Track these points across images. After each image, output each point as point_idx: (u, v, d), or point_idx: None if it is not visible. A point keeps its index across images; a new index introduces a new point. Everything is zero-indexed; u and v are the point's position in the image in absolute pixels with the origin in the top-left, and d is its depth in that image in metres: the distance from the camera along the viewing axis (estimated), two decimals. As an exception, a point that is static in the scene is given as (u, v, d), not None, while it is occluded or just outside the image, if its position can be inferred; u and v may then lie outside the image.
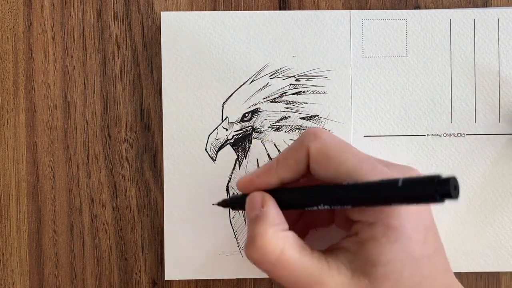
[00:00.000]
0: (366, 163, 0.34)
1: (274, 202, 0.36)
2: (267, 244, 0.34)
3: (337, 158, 0.34)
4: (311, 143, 0.35)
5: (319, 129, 0.36)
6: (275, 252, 0.33)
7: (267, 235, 0.34)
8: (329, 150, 0.35)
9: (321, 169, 0.35)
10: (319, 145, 0.35)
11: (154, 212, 0.45)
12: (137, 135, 0.45)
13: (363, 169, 0.34)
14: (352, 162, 0.34)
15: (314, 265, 0.34)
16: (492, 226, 0.45)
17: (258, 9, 0.46)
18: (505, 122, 0.45)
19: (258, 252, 0.34)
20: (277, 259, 0.33)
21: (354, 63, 0.45)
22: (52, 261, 0.45)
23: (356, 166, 0.34)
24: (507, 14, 0.45)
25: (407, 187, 0.31)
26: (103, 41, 0.45)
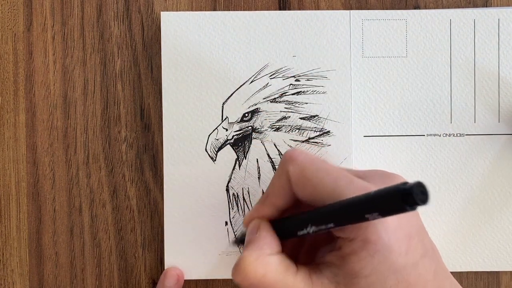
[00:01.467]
0: (342, 180, 0.34)
1: (268, 227, 0.37)
2: (249, 267, 0.34)
3: (314, 179, 0.35)
4: (290, 166, 0.36)
5: (296, 151, 0.37)
6: (257, 276, 0.34)
7: (250, 258, 0.35)
8: (305, 172, 0.35)
9: (301, 191, 0.36)
10: (296, 168, 0.36)
11: (154, 212, 0.45)
12: (137, 135, 0.45)
13: (340, 187, 0.34)
14: (328, 181, 0.34)
15: (297, 284, 0.34)
16: (491, 226, 0.45)
17: (258, 9, 0.46)
18: (504, 123, 0.45)
19: (241, 275, 0.35)
20: (259, 282, 0.34)
21: (354, 63, 0.45)
22: (52, 261, 0.45)
23: (332, 185, 0.34)
24: (507, 14, 0.45)
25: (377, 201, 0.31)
26: (103, 41, 0.45)
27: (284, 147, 0.44)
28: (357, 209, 0.32)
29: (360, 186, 0.34)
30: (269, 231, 0.37)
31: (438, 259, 0.36)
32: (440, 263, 0.36)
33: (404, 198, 0.29)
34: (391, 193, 0.30)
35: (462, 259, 0.45)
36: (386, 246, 0.33)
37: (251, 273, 0.34)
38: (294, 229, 0.36)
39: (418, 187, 0.29)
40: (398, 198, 0.29)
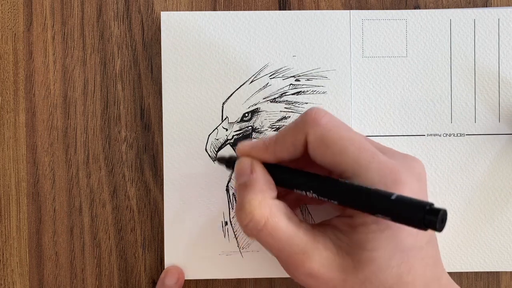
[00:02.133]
0: (365, 153, 0.34)
1: (263, 168, 0.37)
2: (255, 210, 0.34)
3: (336, 147, 0.34)
4: (310, 129, 0.35)
5: (319, 111, 0.36)
6: (262, 219, 0.34)
7: (255, 201, 0.35)
8: (327, 138, 0.34)
9: (319, 156, 0.35)
10: (318, 132, 0.35)
11: (154, 212, 0.45)
12: (137, 135, 0.45)
13: (362, 160, 0.33)
14: (351, 151, 0.34)
15: (300, 235, 0.34)
16: (491, 226, 0.45)
17: (258, 9, 0.46)
18: (505, 122, 0.45)
19: (247, 218, 0.34)
20: (264, 226, 0.34)
21: (354, 63, 0.45)
22: (52, 261, 0.45)
23: (355, 157, 0.34)
24: (507, 14, 0.45)
25: (397, 205, 0.31)
26: (103, 41, 0.45)
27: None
28: (372, 203, 0.32)
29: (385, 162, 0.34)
30: (265, 173, 0.36)
31: (438, 250, 0.36)
32: (439, 255, 0.36)
33: (426, 217, 0.29)
34: (415, 208, 0.30)
35: (462, 259, 0.45)
36: (398, 224, 0.33)
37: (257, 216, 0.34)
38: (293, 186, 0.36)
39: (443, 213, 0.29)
40: (421, 215, 0.29)
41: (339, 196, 0.33)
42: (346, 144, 0.34)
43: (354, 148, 0.34)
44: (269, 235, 0.34)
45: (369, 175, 0.33)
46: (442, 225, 0.29)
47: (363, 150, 0.34)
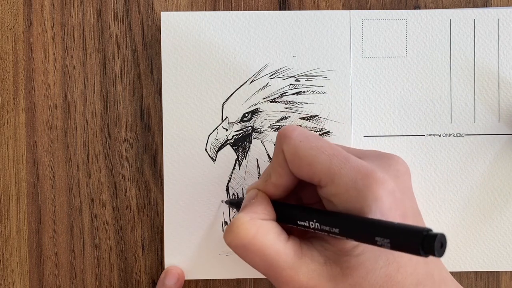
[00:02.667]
0: (336, 159, 0.34)
1: (265, 196, 0.37)
2: (240, 228, 0.34)
3: (308, 157, 0.35)
4: (284, 146, 0.36)
5: (289, 127, 0.36)
6: (248, 236, 0.34)
7: (242, 219, 0.35)
8: (299, 149, 0.35)
9: (296, 170, 0.36)
10: (290, 146, 0.35)
11: (154, 212, 0.45)
12: (137, 135, 0.45)
13: (334, 166, 0.34)
14: (323, 159, 0.34)
15: (286, 251, 0.34)
16: (491, 226, 0.45)
17: (258, 9, 0.46)
18: (504, 123, 0.45)
19: (231, 236, 0.35)
20: (249, 243, 0.34)
21: (354, 63, 0.45)
22: (52, 261, 0.45)
23: (327, 164, 0.34)
24: (507, 14, 0.45)
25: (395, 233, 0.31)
26: (103, 41, 0.45)
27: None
28: (372, 230, 0.32)
29: (356, 166, 0.34)
30: (265, 199, 0.37)
31: None
32: None
33: (423, 244, 0.29)
34: (412, 234, 0.30)
35: (462, 259, 0.45)
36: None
37: (242, 233, 0.34)
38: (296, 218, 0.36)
39: (441, 237, 0.29)
40: (418, 242, 0.29)
41: (340, 226, 0.33)
42: (317, 153, 0.34)
43: (325, 155, 0.34)
44: (254, 252, 0.34)
45: (342, 180, 0.33)
46: (442, 250, 0.29)
47: (334, 156, 0.34)
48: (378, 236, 0.31)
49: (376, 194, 0.33)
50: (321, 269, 0.34)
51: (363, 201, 0.33)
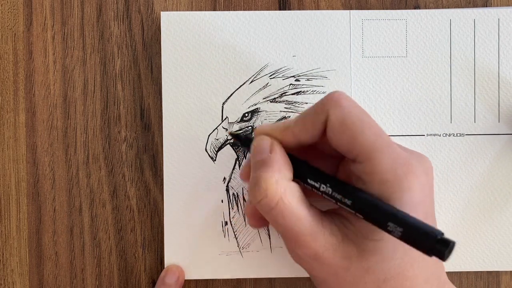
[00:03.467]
0: (381, 140, 0.34)
1: (282, 149, 0.37)
2: (270, 188, 0.34)
3: (355, 129, 0.34)
4: (331, 109, 0.35)
5: (342, 94, 0.36)
6: (276, 197, 0.34)
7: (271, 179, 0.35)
8: (348, 119, 0.34)
9: (336, 138, 0.35)
10: (339, 113, 0.35)
11: (154, 212, 0.45)
12: (137, 135, 0.45)
13: (378, 145, 0.34)
14: (369, 135, 0.34)
15: (309, 218, 0.35)
16: (491, 226, 0.45)
17: (258, 9, 0.46)
18: (504, 122, 0.45)
19: (261, 195, 0.34)
20: (276, 204, 0.34)
21: (354, 63, 0.45)
22: (52, 261, 0.45)
23: (372, 141, 0.34)
24: (507, 14, 0.45)
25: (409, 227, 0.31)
26: (103, 41, 0.45)
27: (284, 147, 0.45)
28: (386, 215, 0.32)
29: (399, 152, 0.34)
30: (284, 154, 0.37)
31: None
32: None
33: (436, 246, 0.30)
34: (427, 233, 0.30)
35: (462, 259, 0.45)
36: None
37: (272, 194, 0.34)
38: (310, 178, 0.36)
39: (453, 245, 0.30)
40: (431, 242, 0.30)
41: (353, 198, 0.34)
42: (365, 127, 0.34)
43: (372, 132, 0.34)
44: (280, 214, 0.34)
45: (383, 161, 0.33)
46: (449, 255, 0.30)
47: (380, 136, 0.34)
48: (392, 222, 0.31)
49: (410, 185, 0.33)
50: (337, 245, 0.34)
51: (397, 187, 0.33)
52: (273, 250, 0.44)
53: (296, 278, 0.45)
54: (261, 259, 0.44)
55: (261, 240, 0.45)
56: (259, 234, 0.45)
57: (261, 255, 0.44)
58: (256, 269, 0.44)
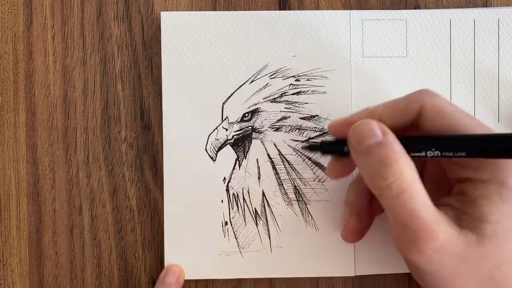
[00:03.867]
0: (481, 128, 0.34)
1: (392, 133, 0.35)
2: (404, 169, 0.33)
3: (454, 117, 0.34)
4: (428, 99, 0.35)
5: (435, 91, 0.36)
6: (408, 179, 0.33)
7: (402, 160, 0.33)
8: (446, 109, 0.35)
9: (435, 125, 0.35)
10: (436, 103, 0.35)
11: (154, 212, 0.45)
12: (137, 135, 0.45)
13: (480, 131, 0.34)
14: (469, 125, 0.34)
15: (430, 209, 0.33)
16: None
17: (258, 9, 0.46)
18: (504, 123, 0.45)
19: (394, 176, 0.33)
20: (408, 187, 0.33)
21: (354, 63, 0.45)
22: (52, 261, 0.45)
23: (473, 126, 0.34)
24: (507, 14, 0.45)
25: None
26: (103, 41, 0.45)
27: (284, 147, 0.45)
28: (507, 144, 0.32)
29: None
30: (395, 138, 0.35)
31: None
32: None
33: None
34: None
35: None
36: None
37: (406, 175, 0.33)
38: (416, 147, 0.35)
39: None
40: None
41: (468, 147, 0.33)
42: (465, 116, 0.34)
43: (472, 122, 0.34)
44: (408, 198, 0.33)
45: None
46: None
47: (480, 126, 0.34)
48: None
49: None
50: (458, 235, 0.33)
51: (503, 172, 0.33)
52: (273, 250, 0.44)
53: (296, 278, 0.45)
54: (261, 259, 0.44)
55: (261, 240, 0.45)
56: (259, 234, 0.45)
57: (261, 255, 0.44)
58: (256, 269, 0.44)
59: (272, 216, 0.44)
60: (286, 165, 0.45)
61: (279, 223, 0.45)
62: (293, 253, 0.44)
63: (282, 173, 0.45)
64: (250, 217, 0.45)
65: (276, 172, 0.45)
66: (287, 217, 0.45)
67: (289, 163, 0.45)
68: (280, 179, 0.45)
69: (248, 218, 0.45)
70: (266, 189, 0.45)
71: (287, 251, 0.44)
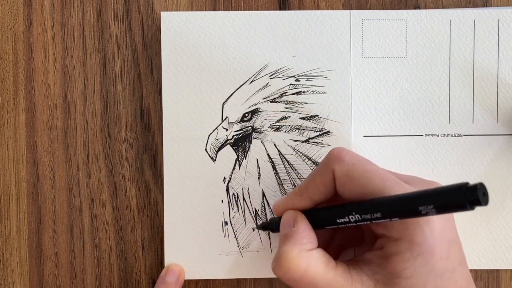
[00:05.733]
0: (389, 181, 0.35)
1: (305, 220, 0.38)
2: (291, 262, 0.35)
3: (361, 179, 0.35)
4: (336, 166, 0.37)
5: (342, 150, 0.37)
6: (299, 271, 0.35)
7: (292, 253, 0.35)
8: (353, 172, 0.36)
9: (346, 190, 0.36)
10: (344, 168, 0.36)
11: (154, 212, 0.45)
12: (137, 135, 0.45)
13: (388, 188, 0.35)
14: (377, 182, 0.35)
15: (337, 278, 0.35)
16: (490, 225, 0.45)
17: (258, 9, 0.46)
18: (502, 123, 0.45)
19: (282, 270, 0.35)
20: (301, 277, 0.35)
21: (354, 63, 0.45)
22: (52, 261, 0.45)
23: (380, 185, 0.35)
24: (507, 14, 0.45)
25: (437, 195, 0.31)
26: (103, 41, 0.45)
27: (284, 147, 0.45)
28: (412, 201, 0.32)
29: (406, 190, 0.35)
30: (307, 225, 0.37)
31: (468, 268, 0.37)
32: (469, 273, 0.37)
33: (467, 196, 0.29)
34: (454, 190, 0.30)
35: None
36: (430, 249, 0.34)
37: (294, 268, 0.35)
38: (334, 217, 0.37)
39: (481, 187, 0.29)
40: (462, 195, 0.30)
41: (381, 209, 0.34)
42: (371, 176, 0.35)
43: (379, 179, 0.35)
44: (308, 284, 0.35)
45: None
46: (486, 199, 0.30)
47: (387, 180, 0.35)
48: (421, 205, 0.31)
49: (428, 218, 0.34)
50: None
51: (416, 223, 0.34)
52: (273, 250, 0.45)
53: (296, 277, 0.45)
54: (261, 259, 0.45)
55: (261, 240, 0.45)
56: (259, 234, 0.45)
57: (261, 255, 0.45)
58: (256, 269, 0.45)
59: (272, 216, 0.44)
60: (286, 165, 0.45)
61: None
62: (293, 253, 0.45)
63: (282, 173, 0.45)
64: (250, 217, 0.45)
65: (276, 172, 0.45)
66: (287, 217, 0.45)
67: (289, 163, 0.45)
68: (280, 179, 0.45)
69: (248, 218, 0.45)
70: (266, 189, 0.45)
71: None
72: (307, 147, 0.45)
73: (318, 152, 0.45)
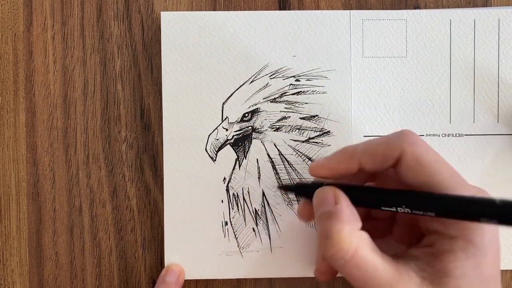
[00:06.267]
0: (457, 178, 0.34)
1: (347, 199, 0.36)
2: (343, 241, 0.34)
3: (432, 169, 0.34)
4: (408, 147, 0.35)
5: (415, 134, 0.36)
6: (350, 250, 0.34)
7: (343, 232, 0.34)
8: (424, 158, 0.35)
9: (412, 174, 0.35)
10: (416, 152, 0.35)
11: (154, 212, 0.45)
12: (137, 135, 0.45)
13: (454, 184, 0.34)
14: (446, 174, 0.34)
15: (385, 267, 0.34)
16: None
17: (258, 9, 0.46)
18: (503, 123, 0.45)
19: (334, 249, 0.34)
20: (351, 257, 0.34)
21: (354, 63, 0.45)
22: (52, 261, 0.45)
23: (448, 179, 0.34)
24: (507, 14, 0.45)
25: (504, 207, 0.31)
26: (103, 41, 0.45)
27: (284, 147, 0.45)
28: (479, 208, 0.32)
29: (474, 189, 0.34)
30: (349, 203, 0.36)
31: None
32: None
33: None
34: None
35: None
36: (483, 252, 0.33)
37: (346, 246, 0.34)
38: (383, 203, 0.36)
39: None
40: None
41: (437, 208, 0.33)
42: (441, 167, 0.35)
43: (448, 172, 0.34)
44: (356, 266, 0.34)
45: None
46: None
47: (456, 175, 0.34)
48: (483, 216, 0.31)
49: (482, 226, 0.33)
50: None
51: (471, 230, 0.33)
52: (273, 250, 0.45)
53: (296, 278, 0.45)
54: (261, 259, 0.45)
55: (261, 240, 0.45)
56: (259, 234, 0.45)
57: (261, 255, 0.45)
58: (256, 269, 0.45)
59: (272, 216, 0.44)
60: (286, 165, 0.45)
61: (279, 223, 0.45)
62: (293, 253, 0.45)
63: (282, 173, 0.45)
64: (250, 217, 0.45)
65: (276, 172, 0.45)
66: (287, 217, 0.45)
67: (289, 163, 0.45)
68: (280, 179, 0.45)
69: (248, 218, 0.45)
70: (266, 189, 0.45)
71: (287, 251, 0.45)
72: (307, 147, 0.45)
73: (318, 152, 0.45)
